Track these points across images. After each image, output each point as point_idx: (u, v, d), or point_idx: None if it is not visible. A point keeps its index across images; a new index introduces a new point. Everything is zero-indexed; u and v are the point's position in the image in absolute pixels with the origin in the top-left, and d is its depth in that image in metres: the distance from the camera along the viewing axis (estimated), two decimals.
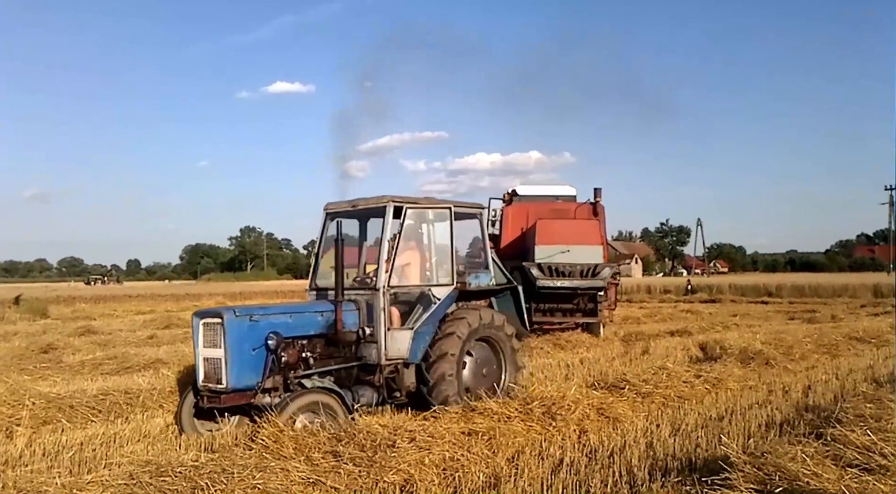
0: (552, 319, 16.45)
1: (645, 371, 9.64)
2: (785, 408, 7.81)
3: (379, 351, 7.56)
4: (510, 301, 9.06)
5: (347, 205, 8.23)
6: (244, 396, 6.78)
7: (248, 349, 6.78)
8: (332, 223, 8.15)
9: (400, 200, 7.80)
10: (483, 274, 8.67)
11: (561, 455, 6.07)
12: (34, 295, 36.23)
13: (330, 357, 7.54)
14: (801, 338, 13.79)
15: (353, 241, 8.54)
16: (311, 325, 7.43)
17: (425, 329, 7.74)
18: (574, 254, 15.68)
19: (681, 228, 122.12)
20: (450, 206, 8.27)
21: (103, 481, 4.94)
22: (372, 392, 7.60)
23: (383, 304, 7.53)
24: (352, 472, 5.35)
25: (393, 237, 7.62)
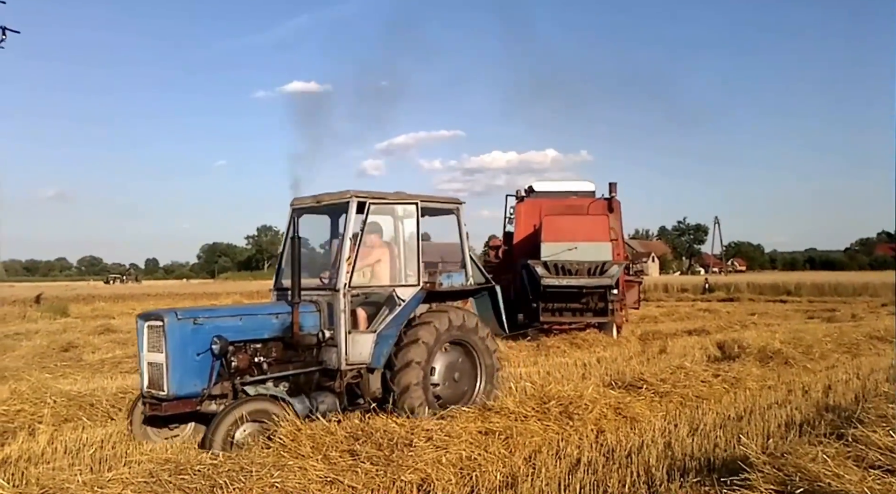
0: (561, 319, 15.93)
1: (662, 370, 9.58)
2: (805, 408, 7.74)
3: (339, 356, 7.14)
4: (489, 301, 8.59)
5: (312, 201, 7.80)
6: (188, 404, 6.41)
7: (191, 354, 6.41)
8: (300, 220, 7.95)
9: (363, 195, 7.40)
10: (457, 274, 8.18)
11: (578, 455, 6.06)
12: (55, 294, 36.67)
13: (288, 361, 7.16)
14: (820, 337, 13.64)
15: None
16: (265, 328, 7.04)
17: (389, 332, 7.30)
18: (581, 252, 15.18)
19: (698, 226, 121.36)
20: (416, 201, 7.83)
21: (123, 479, 4.98)
22: (333, 398, 7.15)
23: (343, 306, 7.10)
24: (369, 471, 5.37)
25: (355, 234, 7.24)
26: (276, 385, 6.92)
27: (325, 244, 8.56)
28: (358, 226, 7.27)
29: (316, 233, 8.49)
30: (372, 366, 7.26)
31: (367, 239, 7.65)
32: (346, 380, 7.23)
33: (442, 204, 8.33)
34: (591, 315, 15.70)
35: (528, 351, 14.04)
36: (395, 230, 8.12)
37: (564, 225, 15.79)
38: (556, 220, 16.02)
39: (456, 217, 8.35)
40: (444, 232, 8.68)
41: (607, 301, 15.38)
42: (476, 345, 7.93)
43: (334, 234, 8.27)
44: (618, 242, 16.57)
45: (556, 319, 15.88)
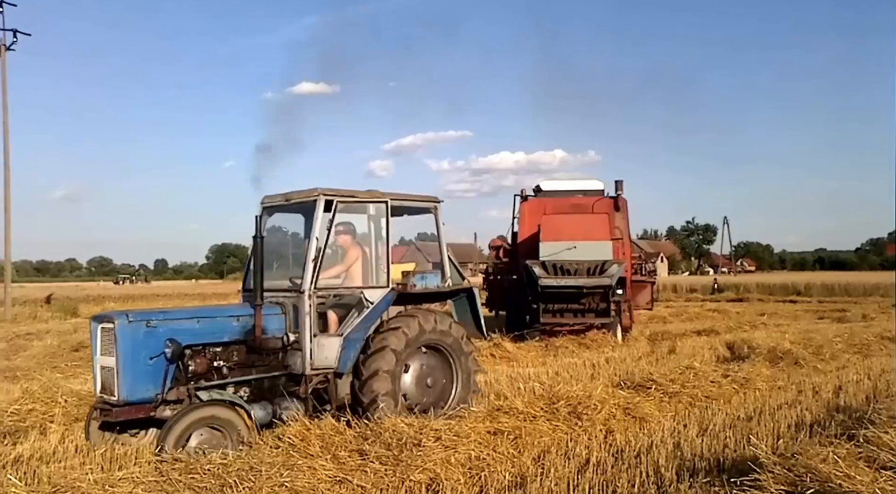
0: (561, 320, 15.38)
1: (672, 370, 9.55)
2: (815, 409, 7.70)
3: (304, 360, 6.88)
4: (466, 304, 8.27)
5: (282, 199, 7.56)
6: (141, 409, 6.12)
7: (143, 358, 6.12)
8: (271, 218, 7.73)
9: (331, 193, 7.14)
10: (431, 275, 7.85)
11: (587, 455, 6.05)
12: (65, 295, 36.90)
13: (251, 366, 6.86)
14: (831, 338, 13.59)
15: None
16: (225, 331, 6.72)
17: (356, 336, 7.02)
18: (581, 251, 14.74)
19: (707, 226, 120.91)
20: (386, 200, 7.54)
21: (134, 477, 5.01)
22: (298, 404, 6.85)
23: (308, 308, 6.84)
24: (378, 470, 5.38)
25: (322, 234, 6.99)
26: (237, 390, 6.66)
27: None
28: (325, 225, 7.03)
29: (293, 231, 8.20)
30: (339, 371, 6.98)
31: (340, 239, 7.55)
32: (311, 386, 6.96)
33: (419, 202, 8.05)
34: (592, 316, 15.20)
35: (536, 352, 14.03)
36: (368, 229, 7.90)
37: (563, 224, 15.44)
38: (554, 220, 15.65)
39: (434, 216, 8.10)
40: (454, 231, 8.57)
41: (609, 301, 14.88)
42: (451, 349, 7.62)
43: (308, 233, 7.89)
44: (623, 241, 16.25)
45: (557, 320, 15.39)
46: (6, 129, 26.90)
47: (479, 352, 13.17)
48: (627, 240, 16.94)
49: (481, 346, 13.57)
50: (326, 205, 7.09)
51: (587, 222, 15.50)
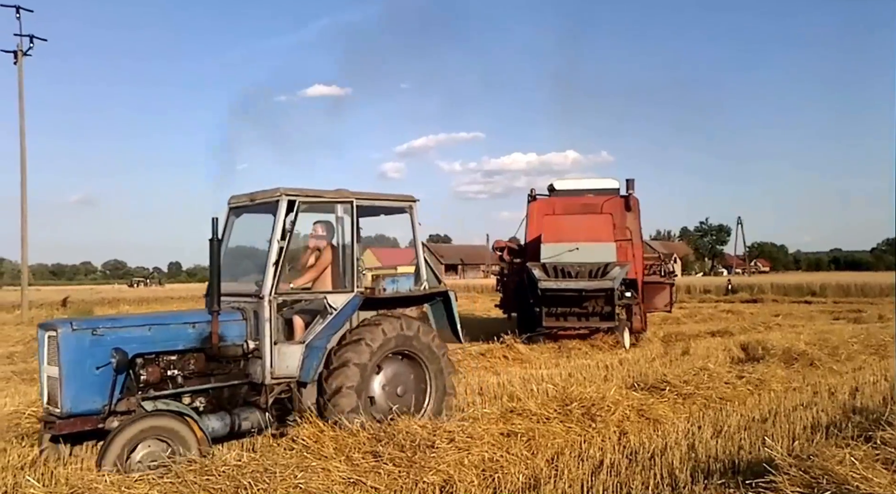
0: (564, 324, 14.94)
1: (685, 372, 9.52)
2: (831, 410, 7.64)
3: (264, 369, 6.59)
4: (443, 308, 7.95)
5: (247, 199, 7.27)
6: (87, 421, 5.80)
7: (89, 367, 5.81)
8: (238, 219, 7.47)
9: (294, 192, 6.85)
10: (403, 279, 7.53)
11: (601, 457, 6.04)
12: (80, 298, 37.21)
13: (209, 374, 6.54)
14: (846, 339, 13.49)
15: (387, 242, 7.95)
16: (180, 338, 6.39)
17: (319, 343, 6.72)
18: (584, 253, 14.35)
19: (721, 227, 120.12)
20: (351, 199, 7.22)
21: (150, 479, 5.04)
22: (259, 414, 6.57)
23: (269, 314, 6.56)
24: (392, 472, 5.39)
25: (284, 236, 6.70)
26: (193, 400, 6.36)
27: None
28: (288, 226, 6.76)
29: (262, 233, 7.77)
30: (302, 381, 6.67)
31: (314, 241, 7.40)
32: (273, 395, 6.67)
33: (392, 202, 7.75)
34: (597, 319, 14.74)
35: (549, 353, 14.00)
36: (336, 231, 7.59)
37: (565, 225, 15.05)
38: (556, 220, 15.27)
39: (409, 216, 7.80)
40: (465, 233, 8.46)
41: (614, 305, 14.39)
42: (421, 354, 7.27)
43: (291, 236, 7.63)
44: (633, 242, 15.89)
45: (560, 324, 14.97)
46: (23, 133, 27.20)
47: (492, 354, 13.27)
48: (639, 240, 16.56)
49: (493, 348, 13.62)
50: (289, 205, 6.81)
51: (590, 223, 15.07)
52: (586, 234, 14.65)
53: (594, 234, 14.68)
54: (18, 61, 27.50)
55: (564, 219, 15.33)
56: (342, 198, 7.25)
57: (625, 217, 16.11)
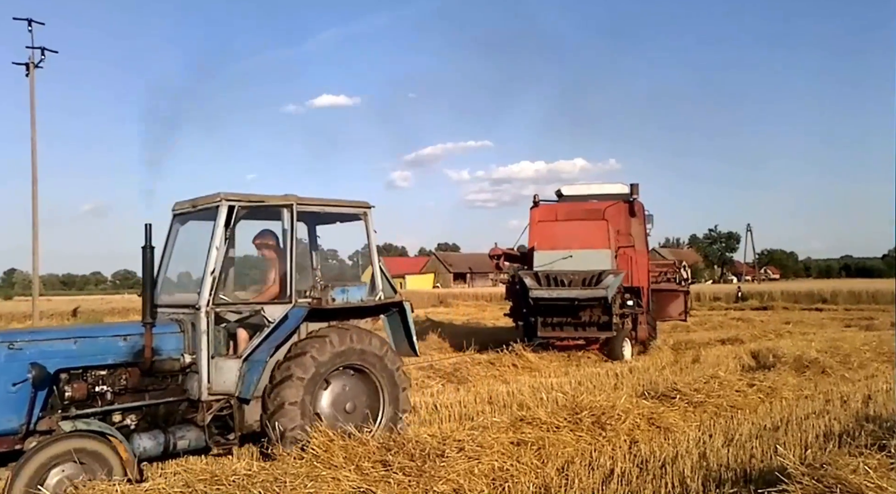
0: (560, 334, 14.49)
1: (696, 380, 9.47)
2: (844, 419, 7.58)
3: (200, 384, 6.27)
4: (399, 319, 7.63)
5: (189, 205, 6.95)
6: (2, 442, 5.43)
7: (4, 384, 5.42)
8: (184, 227, 7.14)
9: (234, 198, 6.53)
10: (356, 288, 7.18)
11: (611, 466, 6.00)
12: (91, 308, 37.49)
13: (144, 391, 6.16)
14: (858, 346, 13.40)
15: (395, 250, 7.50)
16: (110, 352, 5.99)
17: (259, 357, 6.34)
18: (577, 261, 13.87)
19: (730, 234, 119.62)
20: (291, 203, 6.84)
21: (160, 489, 5.05)
22: (196, 433, 6.23)
23: (206, 326, 6.26)
24: (401, 481, 5.38)
25: (222, 243, 6.42)
26: (124, 417, 5.99)
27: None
28: (225, 233, 6.47)
29: None
30: (243, 397, 6.33)
31: (264, 251, 7.13)
32: (212, 412, 6.32)
33: (344, 208, 7.37)
34: (594, 329, 14.26)
35: (559, 362, 13.98)
36: (283, 238, 7.13)
37: (559, 232, 14.60)
38: (549, 227, 14.78)
39: (364, 223, 7.44)
40: (474, 242, 8.32)
41: (611, 314, 13.86)
42: (373, 368, 6.88)
43: (231, 243, 7.22)
44: (636, 248, 15.54)
45: (556, 334, 14.49)
46: (34, 144, 27.42)
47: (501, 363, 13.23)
48: (643, 246, 16.18)
49: (502, 357, 13.60)
50: (229, 210, 6.51)
51: (584, 229, 14.50)
52: (580, 241, 14.20)
53: (588, 241, 14.20)
54: (30, 73, 27.76)
55: (558, 226, 14.86)
56: (284, 204, 6.85)
57: (628, 222, 15.74)
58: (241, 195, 6.62)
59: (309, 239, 7.73)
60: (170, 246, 7.18)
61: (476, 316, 30.88)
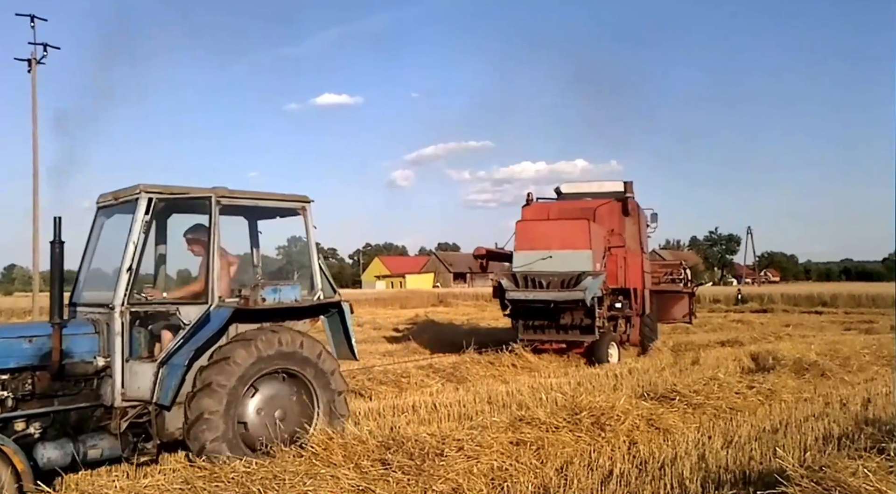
0: (542, 337, 14.30)
1: (695, 381, 9.46)
2: (843, 421, 7.58)
3: (114, 389, 5.84)
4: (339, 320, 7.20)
5: (111, 198, 6.56)
6: None
7: None
8: (109, 220, 6.71)
9: (154, 189, 6.13)
10: (289, 288, 6.70)
11: (610, 467, 6.01)
12: None
13: (53, 396, 5.73)
14: (858, 349, 13.40)
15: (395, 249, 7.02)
16: (13, 355, 5.57)
17: (178, 361, 5.92)
18: (558, 261, 13.41)
19: (730, 236, 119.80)
20: (209, 196, 6.35)
21: (159, 485, 5.06)
22: (110, 442, 5.77)
23: (120, 327, 5.84)
24: (400, 480, 5.38)
25: (140, 237, 6.04)
26: (28, 425, 5.55)
27: None
28: (143, 227, 6.07)
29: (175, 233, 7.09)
30: (161, 403, 5.88)
31: (194, 248, 6.76)
32: (128, 419, 5.90)
33: (279, 202, 6.96)
34: (576, 332, 13.97)
35: (558, 362, 13.98)
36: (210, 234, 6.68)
37: (539, 231, 14.10)
38: (529, 227, 14.29)
39: (303, 218, 7.05)
40: (474, 242, 8.18)
41: (594, 317, 13.54)
42: (306, 373, 6.44)
43: (160, 239, 7.06)
44: (629, 248, 15.29)
45: (538, 337, 14.26)
46: (35, 141, 27.45)
47: (501, 363, 13.22)
48: (638, 246, 15.82)
49: (502, 356, 13.58)
50: (148, 203, 6.11)
51: (564, 229, 13.96)
52: (560, 242, 13.68)
53: (568, 242, 13.65)
54: (32, 69, 27.78)
55: (538, 226, 14.39)
56: (204, 196, 6.38)
57: (622, 222, 15.43)
58: (162, 187, 6.21)
59: (250, 234, 7.33)
60: (93, 240, 6.76)
61: (476, 315, 30.89)
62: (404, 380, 11.40)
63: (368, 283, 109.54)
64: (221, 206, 6.42)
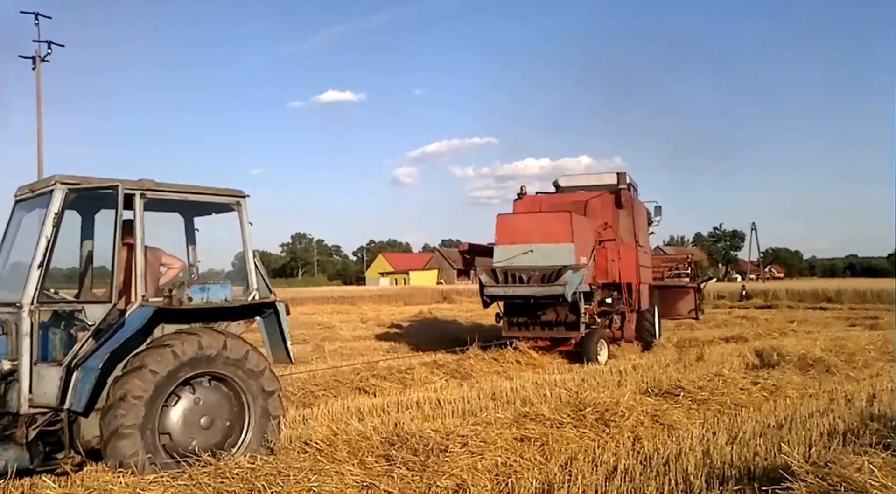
0: (525, 333, 13.88)
1: (700, 377, 9.45)
2: (848, 417, 7.56)
3: (20, 394, 5.45)
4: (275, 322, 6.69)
5: (28, 190, 6.23)
6: None
7: None
8: (28, 215, 6.34)
9: (71, 181, 5.76)
10: (218, 287, 6.28)
11: (615, 462, 6.00)
12: None
13: None
14: (863, 345, 13.38)
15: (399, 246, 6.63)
16: None
17: (93, 363, 5.46)
18: (538, 256, 12.98)
19: (735, 233, 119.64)
20: (115, 188, 5.83)
21: (164, 482, 5.06)
22: (16, 452, 5.35)
23: (28, 328, 5.44)
24: (405, 476, 5.39)
25: (52, 232, 5.66)
26: None
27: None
28: (54, 220, 5.66)
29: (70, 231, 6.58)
30: (74, 409, 5.46)
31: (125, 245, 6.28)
32: (37, 428, 5.51)
33: (210, 196, 6.50)
34: (561, 329, 13.54)
35: (562, 358, 13.96)
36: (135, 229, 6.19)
37: (519, 225, 13.68)
38: (510, 220, 13.85)
39: (238, 214, 6.63)
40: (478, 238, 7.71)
41: (578, 313, 13.12)
42: (234, 377, 6.00)
43: (87, 235, 6.74)
44: (622, 242, 14.88)
45: (521, 334, 13.85)
46: (40, 138, 27.51)
47: (505, 359, 13.20)
48: (633, 240, 15.38)
49: (506, 353, 13.54)
50: (64, 196, 5.77)
51: (545, 222, 13.54)
52: (541, 235, 13.20)
53: (550, 235, 13.15)
54: (37, 67, 27.83)
55: (518, 219, 14.01)
56: (109, 186, 5.88)
57: (615, 214, 15.01)
58: (80, 178, 5.84)
59: (186, 231, 6.99)
60: (10, 235, 6.42)
61: (479, 312, 30.84)
62: (408, 377, 11.40)
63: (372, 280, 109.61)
64: (147, 201, 6.04)
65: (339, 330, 22.04)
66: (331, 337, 19.32)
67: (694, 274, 18.50)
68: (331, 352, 15.46)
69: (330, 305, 37.83)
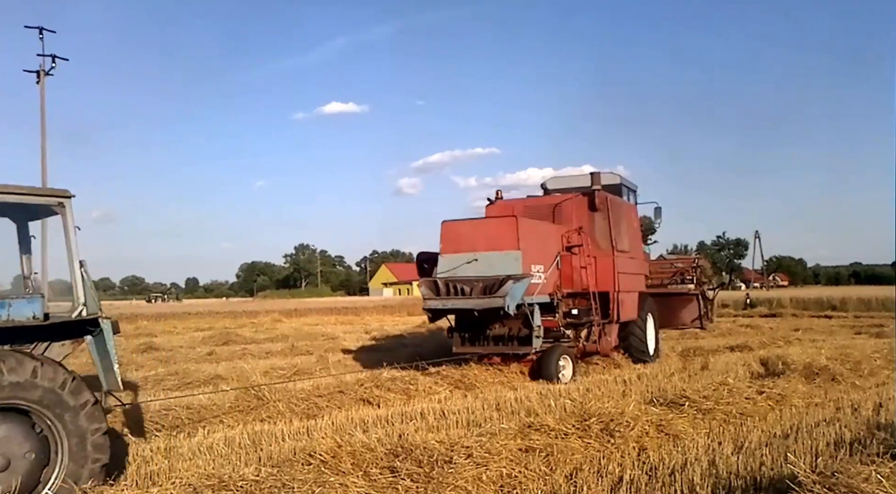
0: (474, 349, 12.88)
1: (705, 387, 9.41)
2: (855, 426, 7.51)
3: None
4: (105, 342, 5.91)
5: None
6: None
7: None
8: None
9: None
10: (23, 302, 5.54)
11: (620, 473, 5.97)
12: None
13: None
14: (869, 354, 13.31)
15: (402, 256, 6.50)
16: None
17: None
18: (483, 265, 11.90)
19: (738, 241, 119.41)
20: None
21: (168, 493, 5.06)
22: None
23: None
24: (409, 488, 5.37)
25: None
26: None
27: None
28: None
29: None
30: None
31: None
32: None
33: (26, 197, 5.69)
34: (514, 344, 12.45)
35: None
36: None
37: (464, 232, 12.47)
38: (454, 227, 12.55)
39: (61, 217, 5.86)
40: None
41: (531, 327, 12.05)
42: (44, 409, 5.22)
43: (25, 243, 6.35)
44: (596, 247, 13.83)
45: (472, 350, 12.88)
46: (44, 151, 27.62)
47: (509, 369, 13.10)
48: (609, 245, 14.08)
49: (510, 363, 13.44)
50: None
51: (489, 228, 12.47)
52: (486, 242, 12.12)
53: (495, 242, 12.04)
54: (41, 81, 27.98)
55: (462, 226, 12.71)
56: None
57: (590, 218, 14.03)
58: None
59: (19, 239, 6.31)
60: None
61: None
62: (412, 387, 11.36)
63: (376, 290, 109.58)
64: None
65: (343, 340, 22.02)
66: (335, 348, 19.29)
67: (699, 280, 18.03)
68: (334, 363, 15.44)
69: (334, 316, 37.83)
